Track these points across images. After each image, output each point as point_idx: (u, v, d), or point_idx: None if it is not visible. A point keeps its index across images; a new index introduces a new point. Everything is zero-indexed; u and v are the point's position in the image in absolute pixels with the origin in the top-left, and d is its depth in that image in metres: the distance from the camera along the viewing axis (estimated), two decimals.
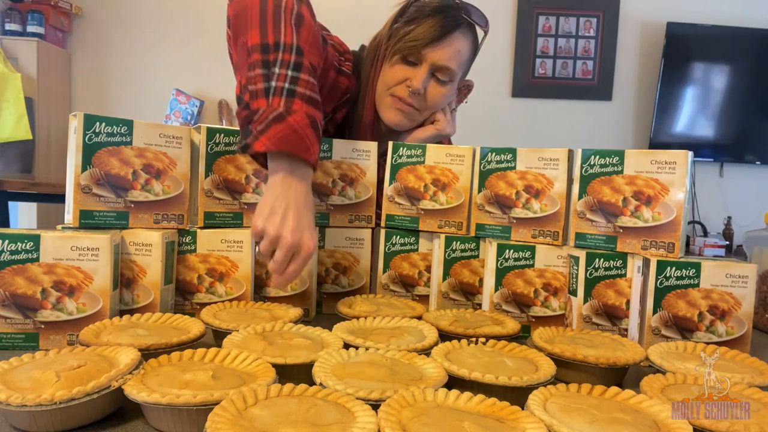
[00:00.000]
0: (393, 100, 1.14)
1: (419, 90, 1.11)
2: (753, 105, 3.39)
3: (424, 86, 1.12)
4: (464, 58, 1.15)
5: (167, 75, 3.39)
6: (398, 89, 1.13)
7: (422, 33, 1.09)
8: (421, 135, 1.19)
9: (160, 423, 0.52)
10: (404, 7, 1.13)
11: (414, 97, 1.13)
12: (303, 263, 0.80)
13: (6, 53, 2.94)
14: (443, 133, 1.20)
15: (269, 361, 0.60)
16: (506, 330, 0.80)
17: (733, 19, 3.36)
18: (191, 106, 3.26)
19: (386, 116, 1.16)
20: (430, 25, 1.09)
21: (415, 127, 1.21)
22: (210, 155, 0.88)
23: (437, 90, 1.15)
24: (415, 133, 1.20)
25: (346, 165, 1.01)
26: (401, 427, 0.47)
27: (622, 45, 3.47)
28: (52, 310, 0.72)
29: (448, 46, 1.10)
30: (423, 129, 1.20)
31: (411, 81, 1.11)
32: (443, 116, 1.20)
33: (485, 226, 0.95)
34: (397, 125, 1.17)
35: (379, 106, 1.17)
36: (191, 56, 3.40)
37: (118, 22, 3.39)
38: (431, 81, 1.14)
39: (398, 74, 1.13)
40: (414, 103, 1.14)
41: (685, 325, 0.80)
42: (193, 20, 3.38)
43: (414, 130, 1.21)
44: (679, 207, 0.81)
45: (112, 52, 3.41)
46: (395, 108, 1.15)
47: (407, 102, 1.13)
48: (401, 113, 1.15)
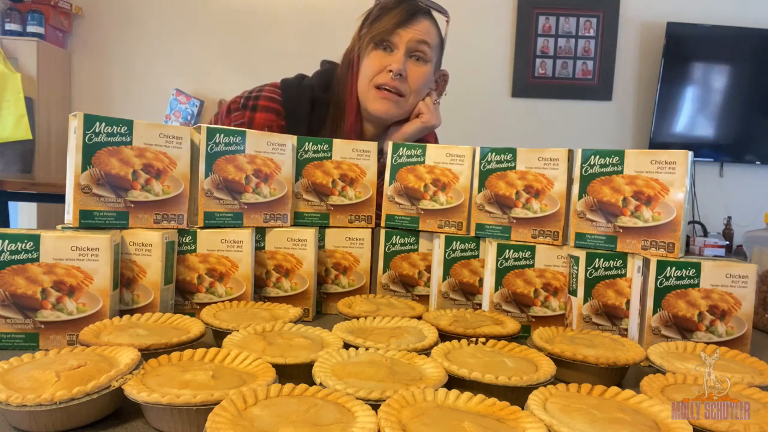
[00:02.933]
0: (378, 90, 1.19)
1: (400, 70, 1.17)
2: (753, 105, 3.39)
3: (404, 67, 1.18)
4: (435, 40, 1.22)
5: (167, 75, 3.39)
6: (380, 77, 1.19)
7: (390, 19, 1.17)
8: (408, 129, 1.23)
9: (160, 423, 0.52)
10: (367, 14, 1.22)
11: (397, 79, 1.18)
12: None
13: (6, 53, 2.94)
14: (429, 125, 1.24)
15: (269, 361, 0.60)
16: (506, 330, 0.80)
17: (733, 19, 3.36)
18: (191, 106, 3.26)
19: (375, 108, 1.21)
20: (396, 12, 1.18)
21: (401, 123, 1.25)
22: (210, 155, 0.88)
23: (417, 71, 1.20)
24: (402, 129, 1.24)
25: (346, 165, 1.01)
26: (401, 427, 0.47)
27: (622, 45, 3.47)
28: (52, 310, 0.72)
29: (417, 25, 1.19)
30: (409, 124, 1.24)
31: (391, 65, 1.17)
32: (427, 107, 1.24)
33: (485, 226, 0.95)
34: (386, 113, 1.21)
35: (366, 101, 1.21)
36: (191, 56, 3.40)
37: (118, 22, 3.39)
38: (409, 62, 1.20)
39: (377, 62, 1.19)
40: (398, 87, 1.19)
41: (685, 325, 0.80)
42: (194, 20, 3.38)
43: (401, 127, 1.24)
44: (679, 207, 0.81)
45: (112, 52, 3.41)
46: (381, 98, 1.20)
47: (392, 87, 1.18)
48: (388, 101, 1.20)
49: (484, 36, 3.47)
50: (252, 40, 3.40)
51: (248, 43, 3.39)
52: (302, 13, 3.38)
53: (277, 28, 3.38)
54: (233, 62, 3.39)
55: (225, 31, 3.38)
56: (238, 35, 3.39)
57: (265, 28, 3.39)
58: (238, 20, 3.38)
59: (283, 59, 1.36)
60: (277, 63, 1.35)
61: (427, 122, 1.23)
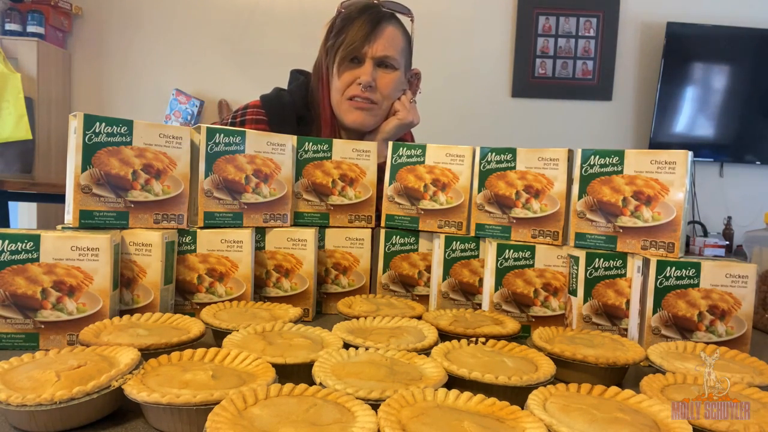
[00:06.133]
0: (350, 102, 1.22)
1: (370, 82, 1.19)
2: (753, 105, 3.39)
3: (373, 78, 1.20)
4: (401, 45, 1.24)
5: (167, 75, 3.39)
6: (351, 90, 1.21)
7: (355, 34, 1.18)
8: (386, 128, 1.26)
9: (160, 423, 0.52)
10: (331, 25, 1.23)
11: (368, 90, 1.20)
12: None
13: (6, 53, 2.94)
14: (406, 121, 1.26)
15: (269, 361, 0.60)
16: (506, 330, 0.80)
17: (733, 19, 3.36)
18: (191, 106, 3.26)
19: (349, 119, 1.23)
20: (360, 25, 1.18)
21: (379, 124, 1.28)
22: (210, 155, 0.88)
23: (386, 78, 1.22)
24: (380, 128, 1.26)
25: (346, 165, 1.01)
26: (401, 426, 0.47)
27: (622, 45, 3.47)
28: (52, 310, 0.72)
29: (382, 36, 1.19)
30: (386, 122, 1.27)
31: (360, 78, 1.19)
32: (402, 105, 1.26)
33: (485, 226, 0.95)
34: (362, 124, 1.24)
35: (341, 114, 1.24)
36: (191, 56, 3.40)
37: (118, 22, 3.39)
38: (379, 71, 1.21)
39: (347, 78, 1.21)
40: (369, 96, 1.21)
41: (685, 325, 0.80)
42: (194, 20, 3.38)
43: (378, 128, 1.26)
44: (679, 207, 0.81)
45: (112, 52, 3.41)
46: (355, 108, 1.22)
47: (363, 97, 1.20)
48: (362, 111, 1.22)
49: (484, 36, 3.48)
50: (252, 40, 3.40)
51: (248, 43, 3.40)
52: (302, 13, 3.38)
53: (277, 29, 3.38)
54: (233, 62, 3.39)
55: (225, 31, 3.38)
56: (238, 35, 3.39)
57: (265, 28, 3.40)
58: (238, 20, 3.38)
59: (283, 59, 1.36)
60: (277, 63, 1.34)
61: (403, 119, 1.25)
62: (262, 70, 3.29)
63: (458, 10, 3.45)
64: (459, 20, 3.46)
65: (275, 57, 3.32)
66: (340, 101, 1.23)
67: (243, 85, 3.32)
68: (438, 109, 3.31)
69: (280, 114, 1.25)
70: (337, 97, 1.23)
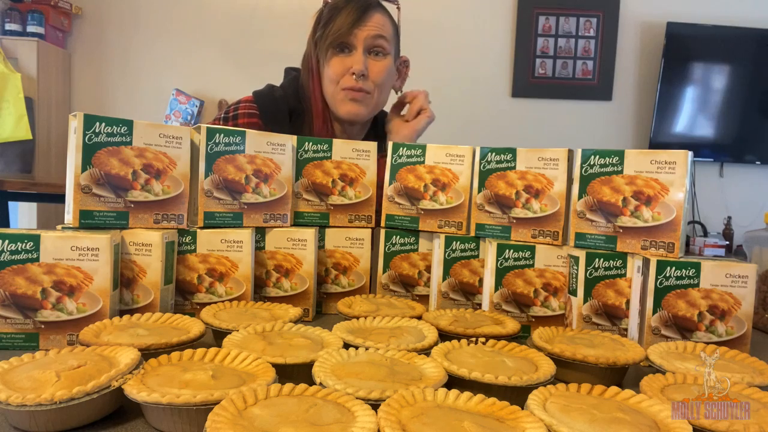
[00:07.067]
0: (345, 92, 1.22)
1: (362, 71, 1.19)
2: (753, 105, 3.39)
3: (365, 66, 1.20)
4: (390, 31, 1.24)
5: (167, 75, 3.39)
6: (345, 80, 1.21)
7: (343, 21, 1.18)
8: (418, 126, 1.28)
9: (160, 423, 0.52)
10: (318, 16, 1.24)
11: (361, 80, 1.20)
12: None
13: (6, 53, 2.94)
14: (432, 118, 1.30)
15: (269, 361, 0.60)
16: (506, 330, 0.80)
17: (733, 19, 3.36)
18: (191, 106, 3.26)
19: (344, 110, 1.23)
20: (347, 12, 1.19)
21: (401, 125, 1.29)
22: (210, 155, 0.88)
23: (378, 65, 1.23)
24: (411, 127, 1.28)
25: (346, 165, 1.01)
26: (401, 426, 0.47)
27: (622, 45, 3.47)
28: (52, 310, 0.72)
29: (371, 21, 1.20)
30: (417, 121, 1.29)
31: (352, 66, 1.19)
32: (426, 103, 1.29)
33: (485, 226, 0.95)
34: (357, 115, 1.24)
35: (335, 105, 1.24)
36: (191, 56, 3.40)
37: (118, 22, 3.39)
38: (370, 59, 1.22)
39: (338, 67, 1.21)
40: (363, 86, 1.21)
41: (685, 325, 0.80)
42: (194, 20, 3.38)
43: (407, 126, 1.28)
44: (679, 207, 0.81)
45: (112, 52, 3.41)
46: (349, 99, 1.22)
47: (357, 88, 1.21)
48: (356, 102, 1.23)
49: (484, 36, 3.48)
50: (252, 40, 3.40)
51: (248, 43, 3.40)
52: (302, 13, 3.37)
53: (277, 29, 3.38)
54: (233, 62, 3.39)
55: (225, 31, 3.38)
56: (238, 35, 3.39)
57: (265, 28, 3.40)
58: (238, 20, 3.38)
59: (283, 59, 1.36)
60: (277, 63, 1.35)
61: (431, 116, 1.29)
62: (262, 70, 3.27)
63: (458, 11, 3.45)
64: (459, 20, 3.46)
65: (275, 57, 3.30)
66: (335, 92, 1.22)
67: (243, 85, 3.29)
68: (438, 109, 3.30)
69: (272, 108, 1.25)
70: (331, 88, 1.23)
